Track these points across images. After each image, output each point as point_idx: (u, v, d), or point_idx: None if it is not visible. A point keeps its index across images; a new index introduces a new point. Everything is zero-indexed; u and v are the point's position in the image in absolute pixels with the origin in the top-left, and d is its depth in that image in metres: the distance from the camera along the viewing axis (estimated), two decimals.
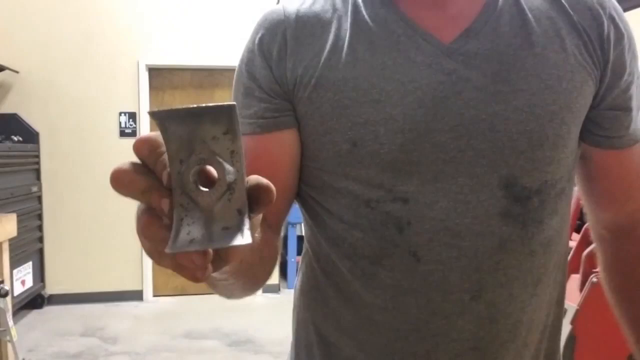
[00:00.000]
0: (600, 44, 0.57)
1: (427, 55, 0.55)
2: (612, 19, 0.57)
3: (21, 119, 3.94)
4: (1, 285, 2.22)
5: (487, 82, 0.54)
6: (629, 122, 0.60)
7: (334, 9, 0.59)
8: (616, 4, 0.59)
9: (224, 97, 4.32)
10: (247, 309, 3.99)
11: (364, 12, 0.58)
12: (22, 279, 3.59)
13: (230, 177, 0.29)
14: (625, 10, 2.06)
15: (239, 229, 0.28)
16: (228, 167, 0.29)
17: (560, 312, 0.64)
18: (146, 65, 4.12)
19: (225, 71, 4.28)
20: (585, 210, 0.69)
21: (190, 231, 0.28)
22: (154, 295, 4.22)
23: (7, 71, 3.83)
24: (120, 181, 0.29)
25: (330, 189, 0.58)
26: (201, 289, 4.30)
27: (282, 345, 3.22)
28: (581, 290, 1.46)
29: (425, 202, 0.54)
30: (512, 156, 0.54)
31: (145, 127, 4.15)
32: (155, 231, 0.29)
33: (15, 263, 3.35)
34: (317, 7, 0.60)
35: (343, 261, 0.59)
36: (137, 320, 3.73)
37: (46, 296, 3.98)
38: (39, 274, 3.94)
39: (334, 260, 0.60)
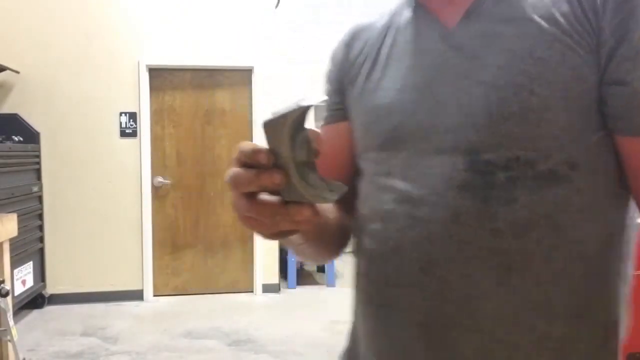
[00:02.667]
0: (594, 8, 0.52)
1: (433, 40, 0.60)
2: None
3: (22, 119, 3.95)
4: (2, 285, 2.22)
5: (464, 60, 0.57)
6: (633, 100, 0.51)
7: (386, 20, 0.68)
8: None
9: (225, 97, 4.33)
10: (247, 308, 3.99)
11: (400, 14, 0.66)
12: (23, 278, 3.60)
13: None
14: None
15: (330, 190, 0.42)
16: (314, 143, 0.42)
17: (583, 328, 0.53)
18: (146, 65, 4.12)
19: (225, 71, 4.28)
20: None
21: (319, 185, 0.41)
22: (155, 295, 4.23)
23: (7, 71, 3.84)
24: (237, 180, 0.40)
25: (361, 168, 0.67)
26: (201, 289, 4.31)
27: (282, 344, 3.23)
28: None
29: (401, 175, 0.59)
30: (473, 130, 0.54)
31: (145, 127, 4.15)
32: (276, 210, 0.40)
33: (15, 263, 3.35)
34: (378, 17, 0.70)
35: (354, 232, 0.68)
36: (138, 319, 3.74)
37: (47, 296, 3.98)
38: (40, 273, 3.95)
39: (355, 227, 0.68)
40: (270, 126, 0.39)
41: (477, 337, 0.53)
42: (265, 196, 0.40)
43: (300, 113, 0.39)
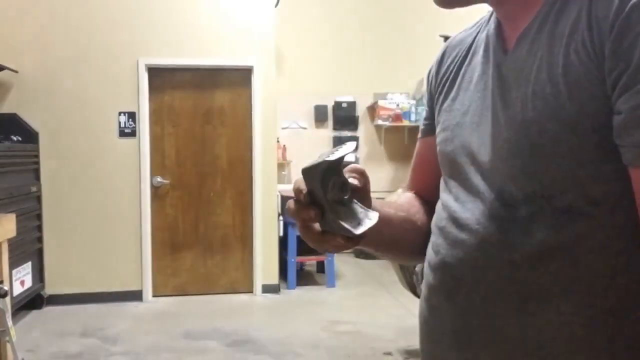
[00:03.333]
0: (611, 32, 0.48)
1: (490, 66, 0.62)
2: (622, 4, 0.48)
3: (20, 118, 3.94)
4: (0, 285, 2.21)
5: (500, 90, 0.59)
6: (627, 129, 0.47)
7: (475, 35, 0.69)
8: None
9: (224, 97, 4.32)
10: (247, 309, 3.98)
11: (482, 31, 0.67)
12: (22, 279, 3.59)
13: (351, 186, 0.55)
14: None
15: (366, 217, 0.54)
16: (347, 180, 0.55)
17: (577, 356, 0.52)
18: (146, 65, 4.11)
19: (225, 71, 4.28)
20: None
21: (351, 222, 0.53)
22: (154, 296, 4.22)
23: (6, 71, 3.83)
24: (288, 210, 0.56)
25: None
26: (201, 289, 4.30)
27: (282, 345, 3.22)
28: None
29: (455, 197, 0.64)
30: (499, 163, 0.57)
31: (144, 127, 4.14)
32: (315, 237, 0.57)
33: (14, 263, 3.34)
34: (469, 32, 0.71)
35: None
36: (137, 320, 3.73)
37: (45, 296, 3.97)
38: (39, 274, 3.94)
39: None
40: (306, 173, 0.52)
41: (498, 355, 0.57)
42: (312, 225, 0.55)
43: (329, 164, 0.51)
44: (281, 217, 4.47)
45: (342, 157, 0.51)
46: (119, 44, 4.08)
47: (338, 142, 5.42)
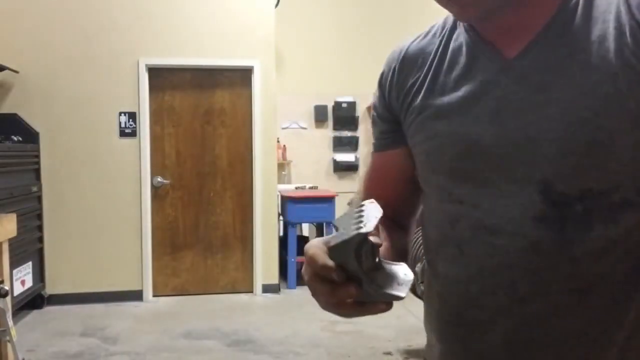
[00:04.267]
0: None
1: (488, 73, 0.61)
2: None
3: (21, 118, 3.94)
4: (1, 285, 2.21)
5: (530, 93, 0.58)
6: None
7: (434, 44, 0.69)
8: None
9: (224, 97, 4.32)
10: (247, 309, 3.99)
11: (454, 40, 0.67)
12: (22, 279, 3.59)
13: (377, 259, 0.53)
14: None
15: (399, 273, 0.54)
16: (374, 244, 0.51)
17: (615, 337, 0.57)
18: (146, 65, 4.12)
19: (225, 71, 4.28)
20: None
21: (392, 286, 0.52)
22: (154, 295, 4.22)
23: (7, 71, 3.83)
24: (319, 294, 0.54)
25: (424, 191, 0.71)
26: (201, 289, 4.30)
27: (282, 345, 3.22)
28: None
29: (473, 204, 0.61)
30: (545, 163, 0.56)
31: (145, 127, 4.15)
32: (355, 313, 0.55)
33: (15, 263, 3.34)
34: (425, 41, 0.71)
35: (425, 251, 0.72)
36: (137, 320, 3.73)
37: (46, 296, 3.98)
38: (39, 274, 3.94)
39: (425, 253, 0.73)
40: (335, 250, 0.49)
41: (553, 353, 0.58)
42: (346, 303, 0.53)
43: (361, 238, 0.48)
44: (281, 217, 4.47)
45: (369, 233, 0.48)
46: (119, 44, 4.08)
47: (338, 142, 5.42)
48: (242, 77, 4.29)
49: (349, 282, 0.50)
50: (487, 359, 0.62)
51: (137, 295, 4.14)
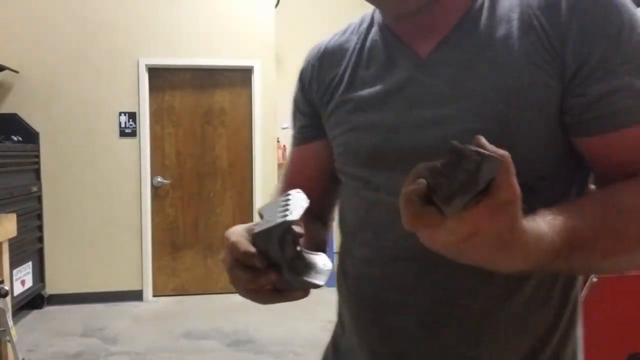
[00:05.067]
0: (561, 38, 0.57)
1: (408, 69, 0.65)
2: (573, 13, 0.57)
3: (21, 118, 3.94)
4: (1, 285, 2.22)
5: (444, 87, 0.62)
6: (601, 108, 0.57)
7: (352, 41, 0.73)
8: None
9: (224, 97, 4.32)
10: (247, 308, 3.99)
11: (370, 37, 0.71)
12: (22, 279, 3.59)
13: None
14: None
15: (319, 263, 0.55)
16: (296, 233, 0.52)
17: (563, 317, 0.62)
18: (146, 65, 4.12)
19: (225, 71, 4.28)
20: None
21: (310, 274, 0.53)
22: (154, 295, 4.22)
23: (7, 71, 3.83)
24: (238, 280, 0.54)
25: (343, 181, 0.74)
26: (201, 289, 4.31)
27: (283, 345, 3.22)
28: (581, 290, 1.46)
29: (389, 190, 0.64)
30: None
31: (145, 127, 4.15)
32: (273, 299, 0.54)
33: (15, 263, 3.34)
34: (343, 38, 0.75)
35: (342, 237, 0.74)
36: (137, 320, 3.73)
37: (46, 296, 3.98)
38: (39, 274, 3.94)
39: (342, 239, 0.75)
40: (259, 237, 0.49)
41: (463, 330, 0.62)
42: (264, 289, 0.53)
43: (286, 226, 0.48)
44: None
45: (294, 222, 0.49)
46: (119, 44, 4.08)
47: None
48: (242, 77, 4.29)
49: (269, 269, 0.51)
50: (403, 338, 0.65)
51: (137, 295, 4.14)
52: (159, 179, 4.24)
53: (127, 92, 4.11)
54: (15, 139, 3.81)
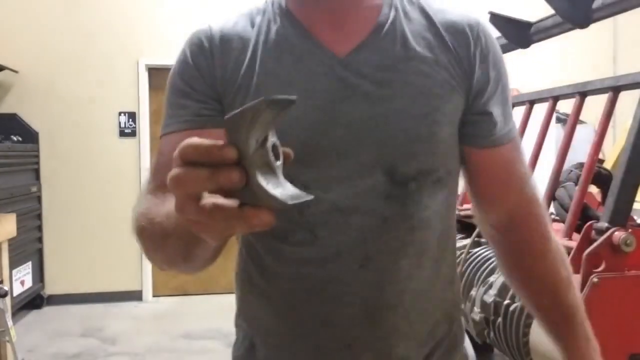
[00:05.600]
0: (468, 59, 0.68)
1: (324, 66, 0.66)
2: (479, 39, 0.69)
3: (21, 118, 3.94)
4: (0, 285, 2.21)
5: (373, 87, 0.65)
6: (491, 125, 0.70)
7: (253, 28, 0.71)
8: (485, 26, 0.71)
9: None
10: None
11: (274, 30, 0.69)
12: (22, 279, 3.59)
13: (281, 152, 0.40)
14: (620, 12, 2.03)
15: (298, 191, 0.39)
16: (279, 144, 0.40)
17: (446, 287, 0.73)
18: (146, 65, 4.11)
19: None
20: (474, 212, 0.80)
21: (280, 191, 0.37)
22: (154, 296, 4.22)
23: (6, 71, 3.83)
24: (185, 180, 0.36)
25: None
26: (201, 290, 4.30)
27: None
28: (582, 290, 1.46)
29: (321, 188, 0.64)
30: (392, 148, 0.65)
31: (145, 127, 4.14)
32: (232, 213, 0.36)
33: (14, 263, 3.34)
34: (239, 27, 0.72)
35: (258, 241, 0.72)
36: (137, 320, 3.73)
37: (45, 296, 3.97)
38: (39, 274, 3.94)
39: (252, 242, 0.74)
40: (231, 122, 0.36)
41: (401, 311, 0.68)
42: (217, 199, 0.36)
43: (264, 108, 0.36)
44: None
45: (283, 106, 0.37)
46: (119, 44, 4.08)
47: None
48: None
49: (235, 166, 0.37)
50: (352, 328, 0.67)
51: (136, 296, 4.14)
52: None
53: (127, 92, 4.10)
54: (14, 139, 3.81)
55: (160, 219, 0.57)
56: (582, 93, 1.82)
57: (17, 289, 3.48)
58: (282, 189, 0.38)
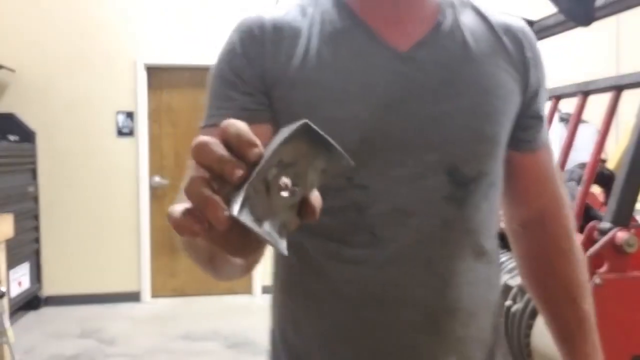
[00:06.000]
0: (522, 62, 0.69)
1: (385, 61, 0.64)
2: (529, 41, 0.70)
3: (18, 118, 3.92)
4: None
5: (436, 85, 0.64)
6: (540, 128, 0.73)
7: (305, 19, 0.67)
8: (531, 32, 0.72)
9: None
10: (246, 310, 3.97)
11: (331, 22, 0.66)
12: (19, 279, 3.57)
13: (299, 198, 0.35)
14: (623, 10, 2.01)
15: (280, 236, 0.34)
16: (309, 191, 0.35)
17: (495, 291, 0.73)
18: (144, 64, 4.10)
19: None
20: (502, 208, 0.79)
21: (251, 211, 0.33)
22: (152, 297, 4.20)
23: (3, 70, 3.81)
24: (204, 147, 0.33)
25: None
26: (200, 291, 4.29)
27: None
28: None
29: (381, 188, 0.63)
30: (456, 148, 0.64)
31: (143, 127, 4.13)
32: (207, 193, 0.32)
33: (11, 264, 3.32)
34: (290, 16, 0.68)
35: (313, 242, 0.67)
36: (135, 321, 3.71)
37: (43, 297, 3.96)
38: (36, 274, 3.92)
39: (301, 243, 0.68)
40: (278, 131, 0.35)
41: (460, 315, 0.67)
42: (219, 200, 0.33)
43: (320, 143, 0.33)
44: None
45: (334, 151, 0.34)
46: (117, 43, 4.06)
47: None
48: None
49: (244, 165, 0.33)
50: (412, 333, 0.66)
51: (135, 297, 4.12)
52: (157, 178, 4.21)
53: (125, 91, 4.09)
54: (11, 138, 3.79)
55: None
56: (584, 92, 1.81)
57: (15, 290, 3.46)
58: (259, 213, 0.33)
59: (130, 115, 4.10)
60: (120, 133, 4.10)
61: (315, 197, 0.36)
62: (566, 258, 0.76)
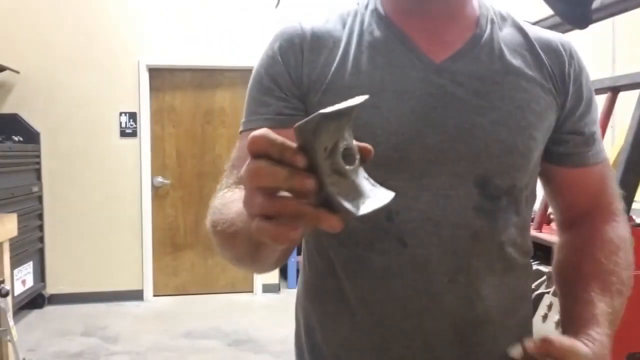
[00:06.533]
0: (562, 78, 0.68)
1: (420, 71, 0.65)
2: (572, 58, 0.70)
3: (22, 119, 3.95)
4: (2, 285, 2.22)
5: (470, 97, 0.64)
6: (585, 144, 0.71)
7: (345, 28, 0.69)
8: (573, 46, 0.72)
9: (224, 97, 4.33)
10: (248, 308, 3.99)
11: (370, 32, 0.68)
12: (23, 278, 3.60)
13: (357, 159, 0.38)
14: (619, 13, 2.02)
15: (373, 194, 0.38)
16: (355, 148, 0.38)
17: (527, 306, 0.73)
18: (146, 65, 4.12)
19: (226, 71, 4.28)
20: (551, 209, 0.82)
21: (349, 199, 0.36)
22: (155, 295, 4.23)
23: (7, 71, 3.83)
24: (261, 174, 0.35)
25: None
26: (201, 289, 4.31)
27: (283, 344, 3.23)
28: None
29: (412, 196, 0.63)
30: (487, 160, 0.64)
31: (145, 127, 4.15)
32: (307, 209, 0.35)
33: (15, 263, 3.35)
34: (330, 25, 0.70)
35: (341, 249, 0.68)
36: (138, 319, 3.74)
37: (47, 296, 3.98)
38: (40, 273, 3.95)
39: (332, 250, 0.69)
40: (298, 131, 0.36)
41: (491, 328, 0.67)
42: (291, 202, 0.36)
43: (324, 121, 0.35)
44: None
45: (352, 109, 0.36)
46: (119, 44, 4.08)
47: None
48: (242, 77, 4.30)
49: (308, 173, 0.35)
50: (439, 344, 0.65)
51: (137, 295, 4.15)
52: (160, 179, 4.24)
53: (128, 92, 4.11)
54: (16, 139, 3.82)
55: (232, 216, 0.54)
56: None
57: (19, 289, 3.49)
58: (354, 195, 0.37)
59: (132, 116, 4.13)
60: (123, 134, 4.12)
61: (361, 144, 0.39)
62: (612, 230, 0.72)
